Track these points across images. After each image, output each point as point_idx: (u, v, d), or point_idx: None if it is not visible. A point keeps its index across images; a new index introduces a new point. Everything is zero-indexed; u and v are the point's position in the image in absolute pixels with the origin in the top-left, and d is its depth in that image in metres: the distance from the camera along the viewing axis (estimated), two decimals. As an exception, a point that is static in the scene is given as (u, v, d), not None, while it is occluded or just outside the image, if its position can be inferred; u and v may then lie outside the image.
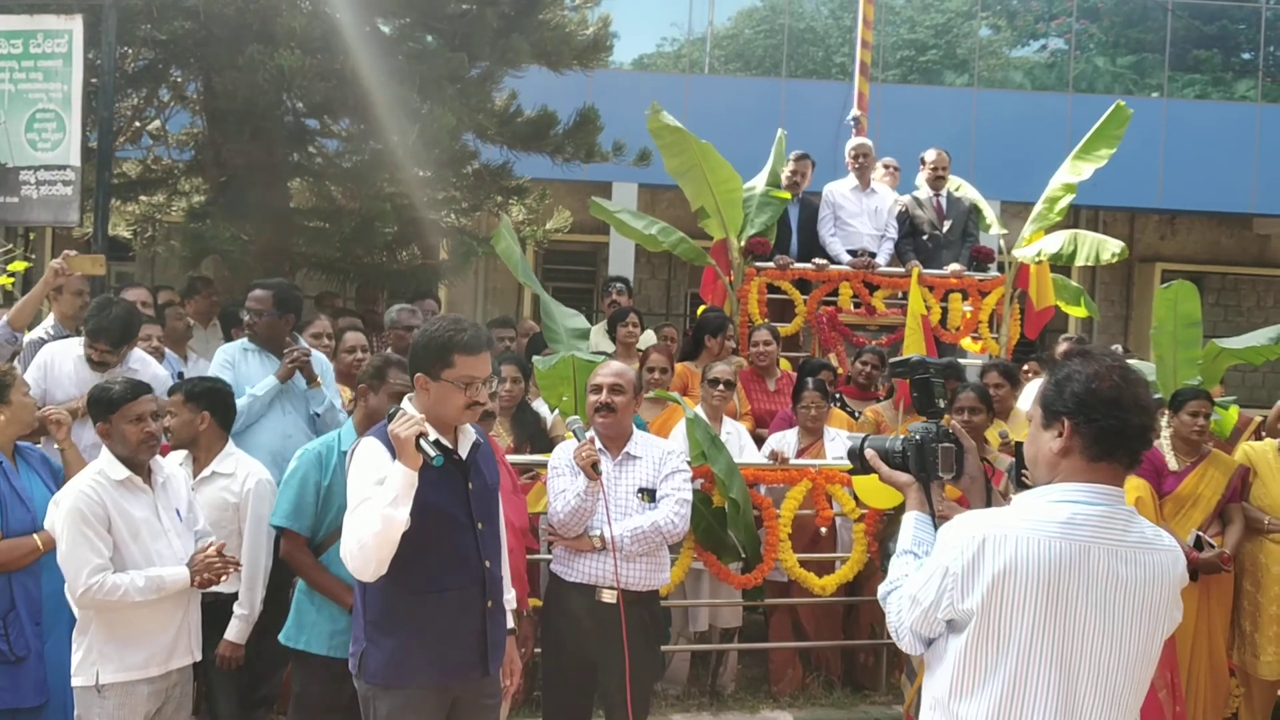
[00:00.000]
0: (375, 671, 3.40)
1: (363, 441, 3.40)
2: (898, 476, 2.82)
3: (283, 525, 4.20)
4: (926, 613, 2.41)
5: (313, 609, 4.20)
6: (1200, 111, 16.16)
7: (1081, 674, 2.29)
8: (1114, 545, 2.30)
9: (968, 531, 2.34)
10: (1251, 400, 12.09)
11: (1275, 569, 5.70)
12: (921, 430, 2.81)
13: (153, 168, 9.19)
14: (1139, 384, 2.35)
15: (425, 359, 3.36)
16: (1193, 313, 6.43)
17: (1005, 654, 2.30)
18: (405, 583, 3.35)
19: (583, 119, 8.92)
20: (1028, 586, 2.27)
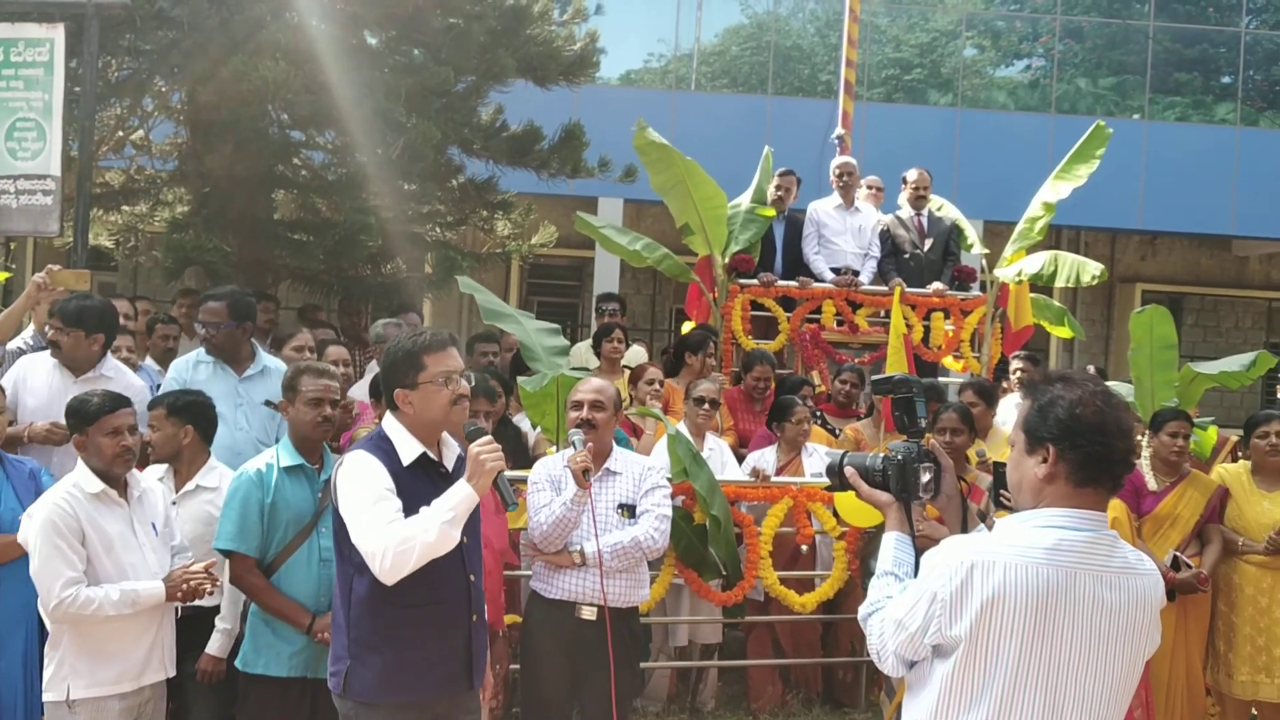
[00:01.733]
0: (362, 689, 3.34)
1: (354, 456, 3.35)
2: (878, 495, 2.80)
3: (228, 548, 4.13)
4: (913, 637, 2.40)
5: (269, 631, 4.14)
6: (1180, 134, 16.31)
7: (1067, 699, 2.29)
8: (1099, 571, 2.31)
9: (956, 557, 2.33)
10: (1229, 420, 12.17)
11: (1249, 590, 5.73)
12: (903, 449, 2.78)
13: (136, 177, 9.16)
14: (1121, 408, 2.35)
15: (397, 373, 3.39)
16: (1168, 335, 6.48)
17: (992, 680, 2.30)
18: (393, 598, 3.30)
19: (568, 134, 8.94)
20: (1016, 613, 2.27)
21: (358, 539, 3.24)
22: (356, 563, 3.30)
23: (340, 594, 3.40)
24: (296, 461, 4.25)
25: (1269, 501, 5.76)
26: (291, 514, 4.18)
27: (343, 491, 3.31)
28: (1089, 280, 7.54)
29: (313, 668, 4.14)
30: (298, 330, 6.31)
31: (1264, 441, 5.82)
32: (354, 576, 3.34)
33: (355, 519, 3.25)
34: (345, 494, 3.30)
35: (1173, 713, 5.61)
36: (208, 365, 5.36)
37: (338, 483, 3.35)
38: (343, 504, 3.30)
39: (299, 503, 4.21)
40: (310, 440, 4.32)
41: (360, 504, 3.26)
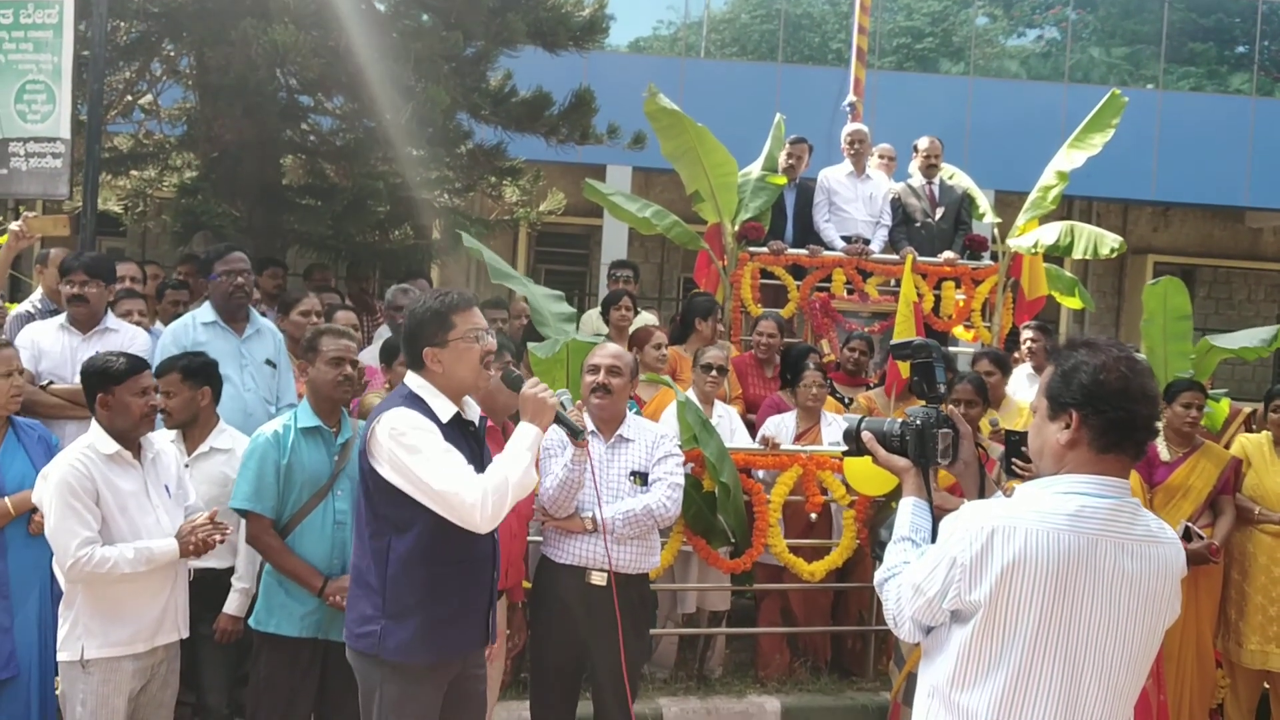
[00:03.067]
0: (396, 648, 3.34)
1: (399, 414, 3.29)
2: (895, 461, 2.79)
3: (245, 508, 4.17)
4: (931, 602, 2.39)
5: (281, 591, 4.18)
6: (1195, 104, 16.17)
7: (1087, 667, 2.28)
8: (1120, 539, 2.29)
9: (976, 522, 2.32)
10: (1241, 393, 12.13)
11: (1262, 559, 5.73)
12: (922, 415, 2.76)
13: (144, 142, 9.13)
14: (1145, 374, 2.33)
15: (426, 332, 3.38)
16: (1182, 306, 6.45)
17: (1011, 646, 2.29)
18: (435, 556, 3.34)
19: (578, 100, 8.88)
20: (1036, 579, 2.25)
21: (444, 488, 3.19)
22: (397, 522, 3.31)
23: (373, 555, 3.36)
24: (314, 423, 4.27)
25: (1288, 472, 5.75)
26: (307, 476, 4.20)
27: (401, 448, 3.23)
28: (1107, 253, 7.44)
29: (324, 629, 4.19)
30: (304, 295, 6.30)
31: (1277, 415, 5.81)
32: (393, 537, 3.33)
33: (431, 471, 3.21)
34: (406, 450, 3.23)
35: (1183, 684, 5.62)
36: (210, 327, 5.37)
37: (384, 442, 3.26)
38: (404, 460, 3.23)
39: (315, 465, 4.23)
40: (331, 401, 4.33)
41: (431, 457, 3.23)
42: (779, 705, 5.67)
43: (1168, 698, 5.40)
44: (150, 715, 4.12)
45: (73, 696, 3.91)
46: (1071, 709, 2.28)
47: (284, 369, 5.55)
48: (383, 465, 3.28)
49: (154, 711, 4.13)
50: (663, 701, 5.53)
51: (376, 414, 3.34)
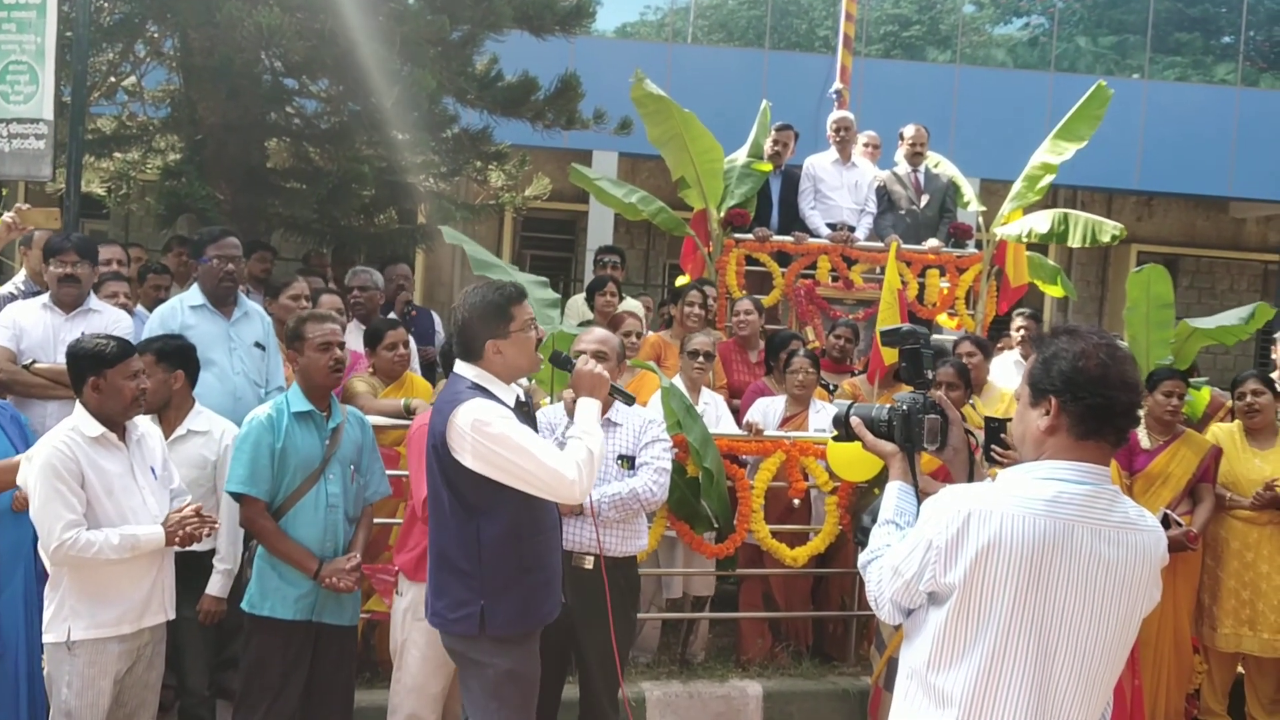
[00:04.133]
0: (502, 623, 3.49)
1: (477, 405, 3.39)
2: (882, 446, 2.83)
3: (241, 491, 4.20)
4: (908, 584, 2.42)
5: (275, 574, 4.22)
6: (1180, 94, 16.23)
7: (1059, 652, 2.30)
8: (1098, 525, 2.31)
9: (953, 506, 2.34)
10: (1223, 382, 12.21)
11: (1235, 544, 5.79)
12: (909, 400, 2.81)
13: (128, 124, 9.07)
14: (1126, 361, 2.34)
15: (490, 324, 3.52)
16: (1165, 294, 6.47)
17: (985, 629, 2.31)
18: (526, 530, 3.52)
19: (564, 85, 8.85)
20: (1010, 563, 2.28)
21: (544, 470, 3.34)
22: (484, 506, 3.44)
23: (463, 540, 3.47)
24: (306, 408, 4.29)
25: (1260, 459, 5.81)
26: (300, 459, 4.23)
27: (488, 439, 3.34)
28: (1108, 240, 7.43)
29: (317, 611, 4.23)
30: (293, 279, 6.29)
31: (1241, 401, 5.88)
32: (482, 520, 3.46)
33: (529, 456, 3.34)
34: (494, 440, 3.35)
35: (1160, 670, 5.67)
36: (198, 310, 5.36)
37: (469, 434, 3.35)
38: (496, 449, 3.35)
39: (308, 448, 4.26)
40: (322, 386, 4.36)
41: (523, 442, 3.36)
42: (760, 689, 5.70)
43: (1143, 683, 5.45)
44: (136, 696, 4.13)
45: (59, 678, 3.92)
46: (1044, 692, 2.30)
47: (273, 352, 5.55)
48: (466, 456, 3.38)
49: (140, 693, 4.14)
50: (645, 685, 5.56)
51: (448, 409, 3.42)
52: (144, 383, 4.08)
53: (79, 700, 3.90)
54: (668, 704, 5.53)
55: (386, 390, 5.62)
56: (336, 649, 4.36)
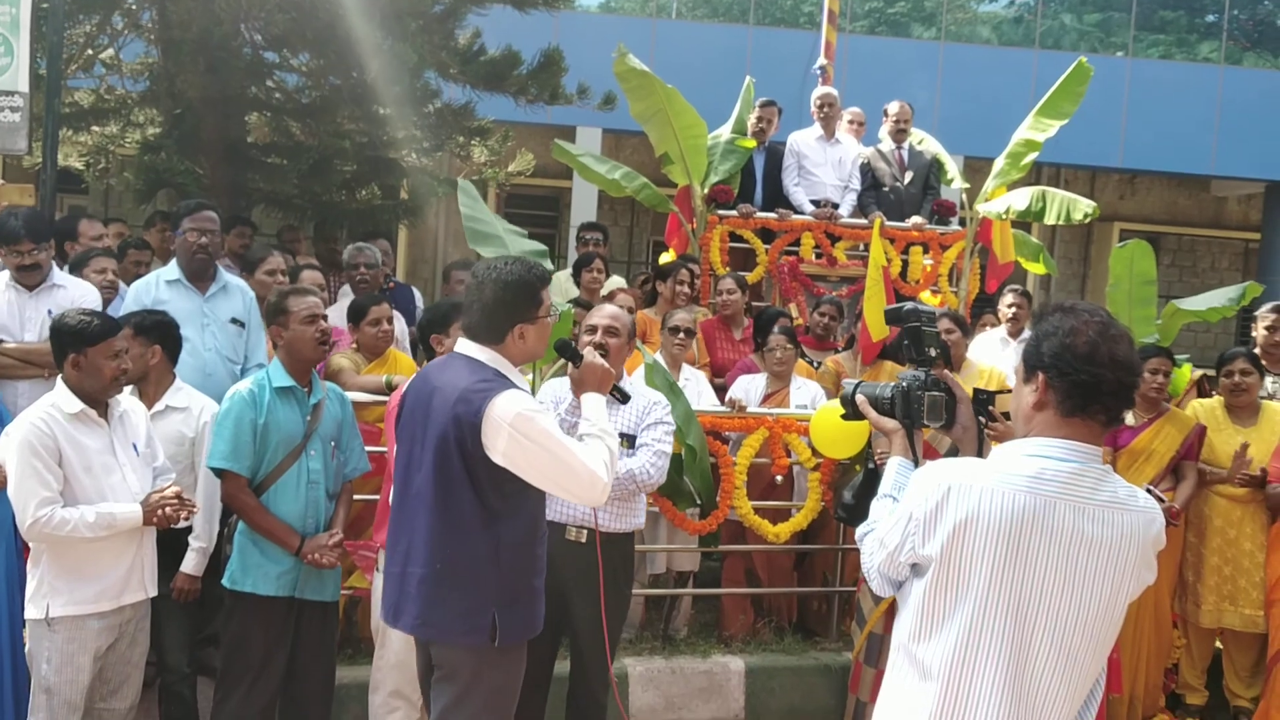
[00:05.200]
0: (512, 632, 3.31)
1: (514, 397, 3.18)
2: (885, 422, 2.85)
3: (222, 467, 4.17)
4: (891, 555, 2.45)
5: (257, 551, 4.20)
6: (1164, 72, 16.24)
7: (1037, 626, 2.29)
8: (1081, 503, 2.29)
9: (935, 479, 2.36)
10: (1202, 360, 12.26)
11: (1218, 521, 5.83)
12: (910, 378, 2.84)
13: (105, 97, 8.98)
14: (1118, 340, 2.32)
15: (522, 306, 3.32)
16: (1148, 271, 6.49)
17: (963, 601, 2.32)
18: (539, 532, 3.38)
19: (547, 60, 8.81)
20: (987, 537, 2.28)
21: (583, 470, 3.18)
22: (505, 510, 3.26)
23: (481, 547, 3.25)
24: (288, 383, 4.27)
25: (1241, 437, 5.84)
26: (282, 435, 4.21)
27: (526, 438, 3.14)
28: (1080, 218, 7.46)
29: (299, 588, 4.22)
30: (268, 254, 6.24)
31: (1229, 380, 5.89)
32: (503, 525, 3.26)
33: (568, 454, 3.18)
34: (533, 438, 3.15)
35: (1139, 645, 5.72)
36: (173, 285, 5.32)
37: (507, 430, 3.13)
38: (534, 447, 3.15)
39: (289, 424, 4.24)
40: (308, 360, 4.33)
41: (564, 440, 3.20)
42: (743, 665, 5.72)
43: (1121, 657, 5.48)
44: (120, 673, 4.13)
45: (39, 654, 3.91)
46: (1021, 667, 2.30)
47: (254, 328, 5.50)
48: (499, 454, 3.16)
49: (123, 669, 4.14)
50: (628, 661, 5.57)
51: (479, 399, 3.18)
52: (125, 362, 4.05)
53: (58, 676, 3.89)
54: (650, 679, 5.54)
55: (369, 367, 5.59)
56: (318, 625, 4.35)
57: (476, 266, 3.45)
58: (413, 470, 3.34)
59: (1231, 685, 5.94)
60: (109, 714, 4.14)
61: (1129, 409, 2.37)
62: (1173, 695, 6.03)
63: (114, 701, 4.14)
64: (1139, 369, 2.36)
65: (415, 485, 3.32)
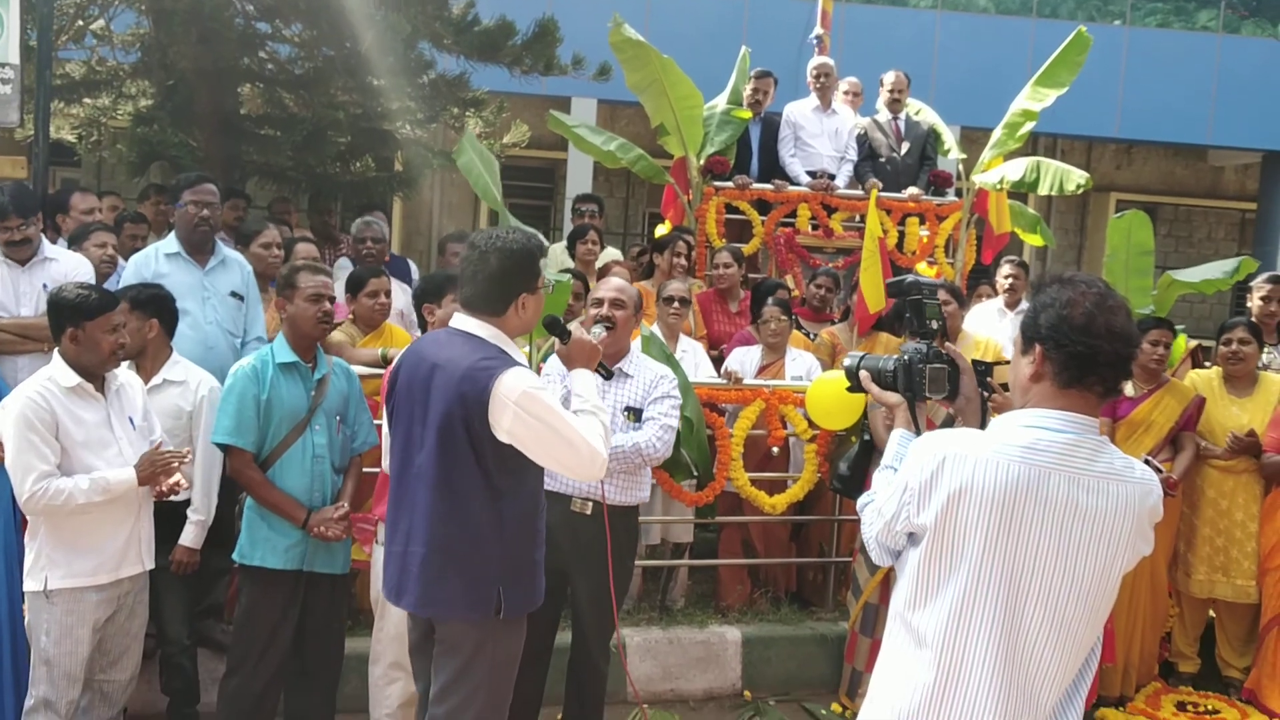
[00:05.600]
0: (517, 606, 3.33)
1: (521, 375, 3.18)
2: (887, 396, 2.87)
3: (226, 442, 4.19)
4: (889, 524, 2.47)
5: (265, 525, 4.23)
6: (1161, 40, 16.15)
7: (1030, 596, 2.30)
8: (1075, 473, 2.30)
9: (931, 449, 2.37)
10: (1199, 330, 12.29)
11: (1210, 492, 5.85)
12: (913, 350, 2.85)
13: (97, 69, 8.91)
14: (1115, 311, 2.31)
15: (527, 275, 3.32)
16: (1145, 242, 6.47)
17: (956, 571, 2.33)
18: (537, 512, 3.39)
19: (542, 30, 8.73)
20: (980, 506, 2.29)
21: (586, 447, 3.19)
22: (509, 487, 3.25)
23: (485, 524, 3.24)
24: (291, 359, 4.28)
25: (1238, 407, 5.85)
26: (286, 411, 4.23)
27: (532, 415, 3.13)
28: (1073, 189, 7.46)
29: (308, 560, 4.25)
30: (264, 226, 6.21)
31: (1227, 348, 5.89)
32: (505, 502, 3.26)
33: (572, 432, 3.18)
34: (539, 415, 3.14)
35: (1135, 614, 5.75)
36: (172, 259, 5.29)
37: (513, 407, 3.12)
38: (541, 424, 3.14)
39: (294, 399, 4.25)
40: (310, 338, 4.33)
41: (567, 417, 3.20)
42: (740, 635, 5.75)
43: (1116, 626, 5.51)
44: (119, 645, 4.17)
45: (37, 626, 3.93)
46: (1014, 635, 2.31)
47: (252, 301, 5.49)
48: (504, 431, 3.16)
49: (123, 641, 4.17)
50: (626, 631, 5.59)
51: (484, 376, 3.16)
52: (123, 336, 4.06)
53: (58, 648, 3.91)
54: (648, 650, 5.57)
55: (365, 339, 5.58)
56: (328, 597, 4.39)
57: (475, 237, 3.42)
58: (413, 449, 3.32)
59: (1224, 655, 5.98)
60: (109, 685, 4.17)
61: (1126, 380, 2.36)
62: (1165, 664, 6.07)
63: (113, 673, 4.17)
64: (1136, 340, 2.36)
65: (416, 464, 3.30)
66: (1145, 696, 5.76)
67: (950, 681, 2.33)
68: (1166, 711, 5.63)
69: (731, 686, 5.69)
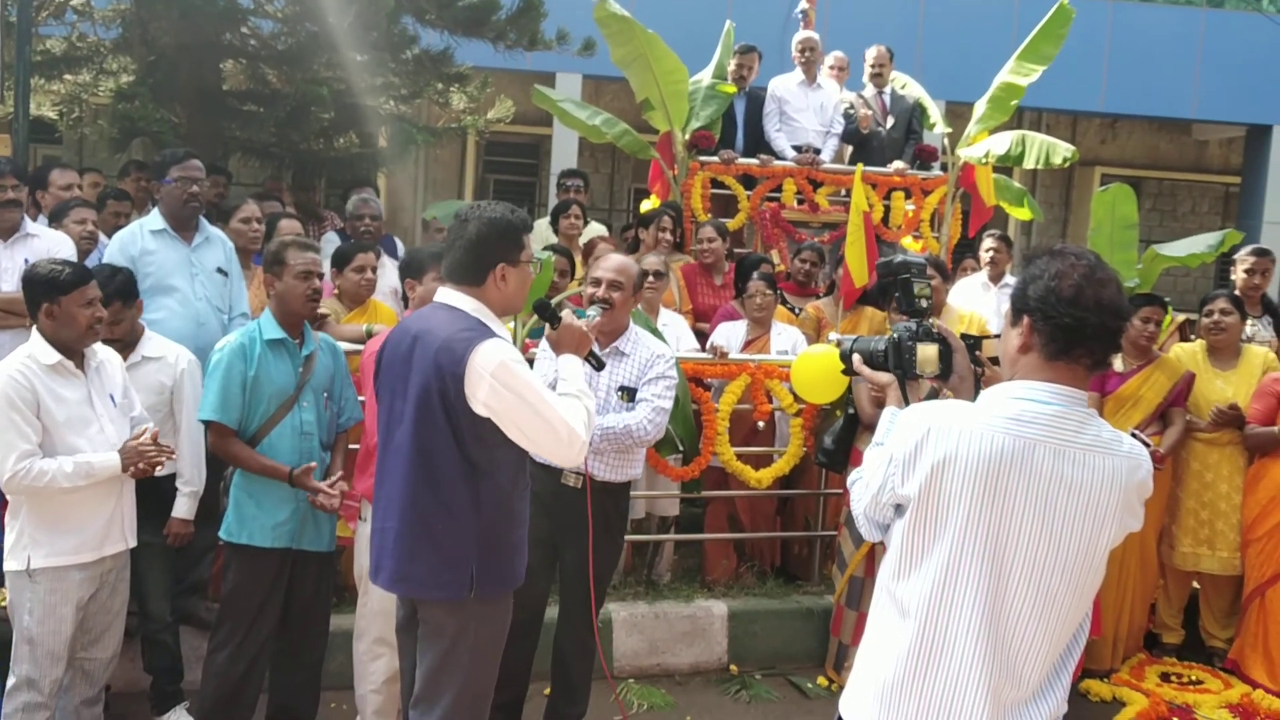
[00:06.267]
0: (492, 585, 3.27)
1: (496, 347, 3.12)
2: (879, 376, 2.88)
3: (210, 418, 4.18)
4: (875, 497, 2.46)
5: (251, 503, 4.23)
6: (1146, 15, 16.11)
7: (1014, 568, 2.30)
8: (1061, 445, 2.29)
9: (917, 421, 2.37)
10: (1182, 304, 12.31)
11: (1195, 465, 5.88)
12: (903, 329, 2.86)
13: (78, 45, 8.83)
14: (1104, 284, 2.30)
15: (504, 246, 3.25)
16: (1130, 215, 6.47)
17: (940, 540, 2.33)
18: (523, 487, 3.34)
19: (526, 5, 8.67)
20: (964, 477, 2.28)
21: (562, 426, 3.12)
22: (486, 463, 3.19)
23: (463, 501, 3.19)
24: (279, 335, 4.26)
25: (1222, 380, 5.88)
26: (274, 388, 4.23)
27: (508, 388, 3.07)
28: (1060, 162, 7.47)
29: (296, 538, 4.26)
30: (242, 201, 6.17)
31: (1209, 319, 5.91)
32: (482, 479, 3.20)
33: (548, 409, 3.12)
34: (515, 389, 3.08)
35: (1125, 587, 5.80)
36: (159, 235, 5.27)
37: (489, 380, 3.07)
38: (516, 399, 3.08)
39: (281, 376, 4.25)
40: (297, 314, 4.31)
41: (544, 394, 3.14)
42: (726, 609, 5.77)
43: (1104, 598, 5.55)
44: (101, 623, 4.16)
45: (20, 605, 3.92)
46: (997, 607, 2.31)
47: (235, 277, 5.47)
48: (480, 404, 3.10)
49: (105, 619, 4.16)
50: (612, 606, 5.61)
51: (461, 347, 3.11)
52: (100, 311, 4.02)
53: (41, 627, 3.90)
54: (634, 624, 5.59)
55: (349, 315, 5.56)
56: (314, 575, 4.39)
57: (461, 208, 3.40)
58: (393, 424, 3.30)
59: (1208, 626, 6.04)
60: (91, 663, 4.17)
61: (1115, 353, 2.36)
62: (1150, 635, 6.11)
63: (95, 651, 4.16)
64: (1126, 313, 2.35)
65: (396, 439, 3.28)
66: (1130, 667, 5.81)
67: (934, 651, 2.33)
68: (1151, 682, 5.68)
69: (718, 660, 5.71)
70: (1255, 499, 5.71)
